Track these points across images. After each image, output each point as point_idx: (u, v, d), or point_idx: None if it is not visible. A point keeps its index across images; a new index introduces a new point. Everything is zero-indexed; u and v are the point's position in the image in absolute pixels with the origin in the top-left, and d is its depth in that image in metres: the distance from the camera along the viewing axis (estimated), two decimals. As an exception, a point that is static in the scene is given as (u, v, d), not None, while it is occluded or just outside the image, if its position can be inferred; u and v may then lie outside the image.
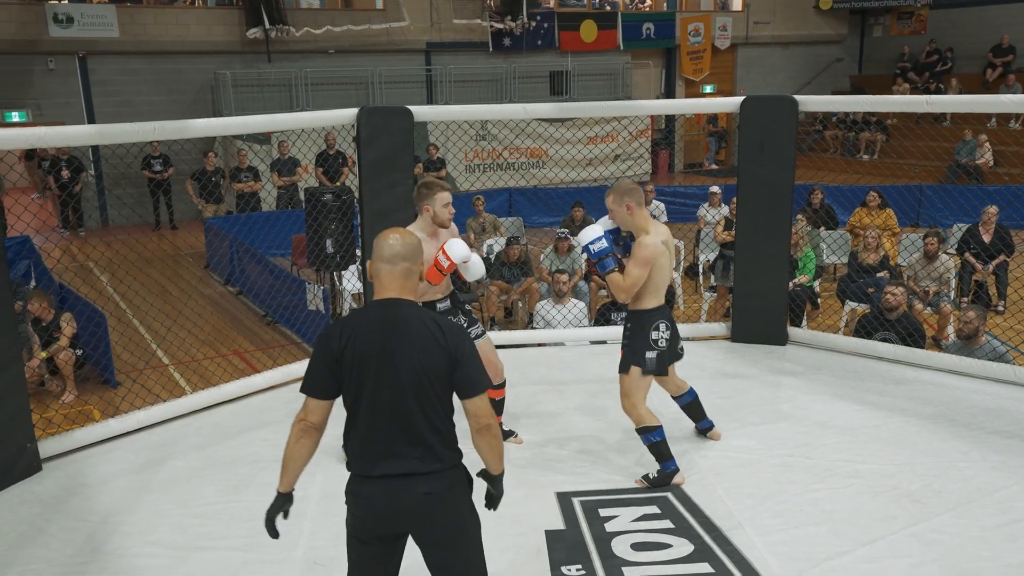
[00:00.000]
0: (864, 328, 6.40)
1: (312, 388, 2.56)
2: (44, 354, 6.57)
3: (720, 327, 6.55)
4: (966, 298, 8.26)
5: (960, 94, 14.69)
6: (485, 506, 2.73)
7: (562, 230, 8.56)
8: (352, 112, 5.65)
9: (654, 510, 3.98)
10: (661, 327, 4.11)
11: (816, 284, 8.03)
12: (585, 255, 5.57)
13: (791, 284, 6.77)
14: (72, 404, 6.45)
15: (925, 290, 7.55)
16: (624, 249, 4.23)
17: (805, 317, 7.41)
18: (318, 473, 4.18)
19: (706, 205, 10.25)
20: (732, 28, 19.34)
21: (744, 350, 6.15)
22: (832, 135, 17.37)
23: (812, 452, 4.51)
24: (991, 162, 14.17)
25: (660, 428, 4.16)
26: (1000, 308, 8.19)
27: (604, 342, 6.42)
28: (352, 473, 2.59)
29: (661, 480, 4.17)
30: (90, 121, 13.61)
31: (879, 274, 7.73)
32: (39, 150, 12.33)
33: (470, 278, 4.21)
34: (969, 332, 5.86)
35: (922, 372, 5.66)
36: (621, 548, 3.66)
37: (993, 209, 8.57)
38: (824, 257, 9.00)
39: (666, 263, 4.09)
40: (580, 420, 5.03)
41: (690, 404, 4.60)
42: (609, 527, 3.83)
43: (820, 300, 8.08)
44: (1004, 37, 17.20)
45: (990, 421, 4.86)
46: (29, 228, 8.65)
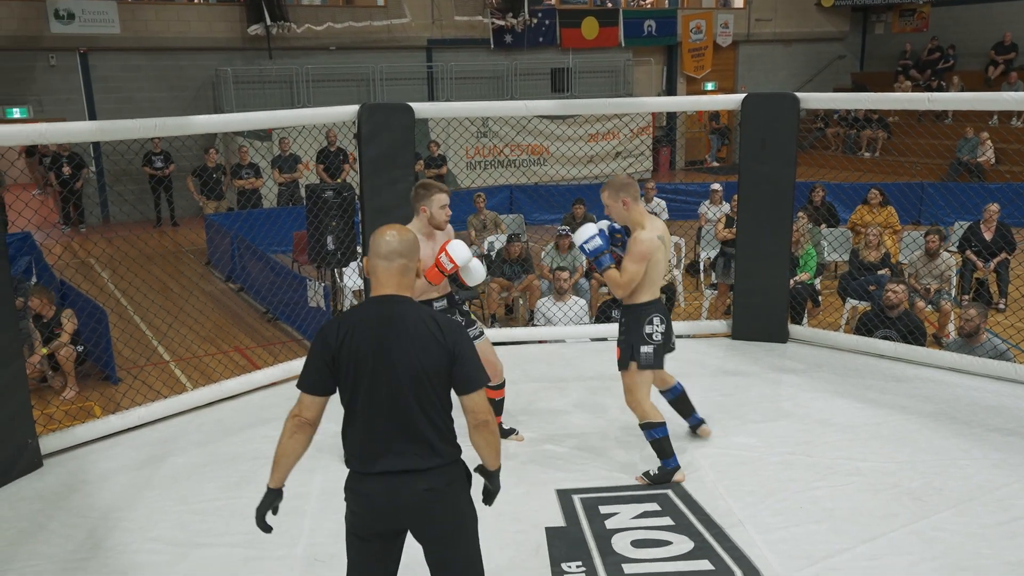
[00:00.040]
0: (865, 326, 6.40)
1: (308, 385, 2.56)
2: (45, 350, 6.58)
3: (721, 325, 6.55)
4: (967, 296, 8.26)
5: (962, 92, 14.72)
6: (483, 502, 2.73)
7: (563, 227, 8.54)
8: (353, 109, 5.65)
9: (654, 507, 3.98)
10: (655, 321, 4.10)
11: (817, 282, 8.03)
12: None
13: (792, 282, 6.76)
14: (73, 400, 6.45)
15: (926, 288, 7.55)
16: (622, 246, 4.22)
17: (806, 315, 7.41)
18: (318, 470, 4.18)
19: (707, 202, 10.25)
20: (734, 25, 19.32)
21: (745, 348, 6.15)
22: (834, 132, 17.34)
23: (813, 450, 4.51)
24: (993, 160, 14.15)
25: (664, 425, 4.17)
26: (1001, 306, 8.19)
27: (605, 339, 6.41)
28: (351, 470, 2.58)
29: (662, 477, 4.18)
30: (91, 117, 13.61)
31: (880, 272, 7.72)
32: (40, 146, 12.34)
33: (471, 282, 4.19)
34: (970, 330, 5.86)
35: (923, 370, 5.65)
36: (621, 545, 3.66)
37: (994, 207, 8.56)
38: (825, 255, 9.00)
39: (662, 258, 4.08)
40: (581, 417, 5.03)
41: (677, 399, 4.57)
42: (609, 524, 3.83)
43: (821, 298, 8.07)
44: (1006, 35, 17.15)
45: (991, 419, 4.86)
46: (30, 224, 8.63)
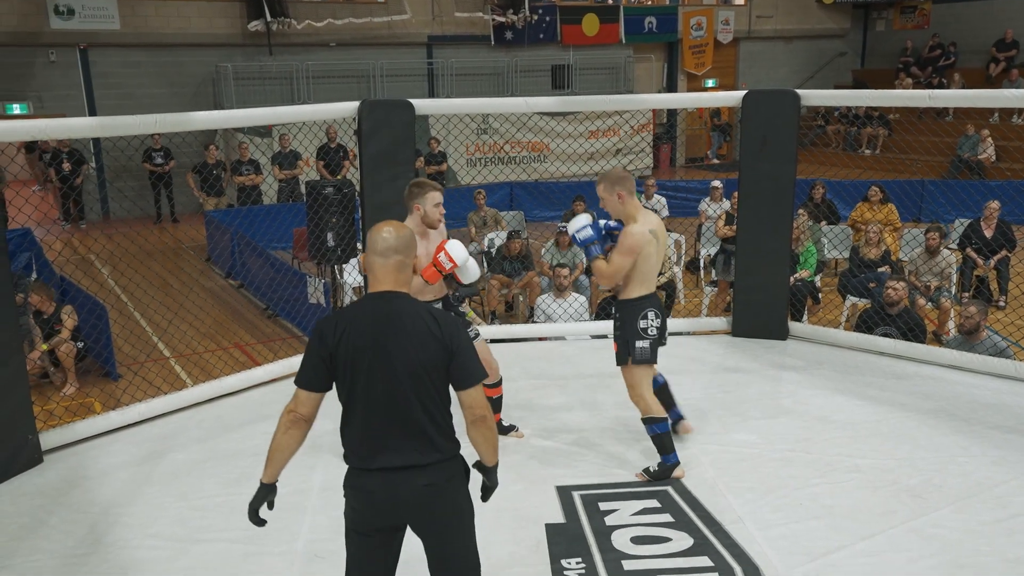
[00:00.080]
0: (865, 323, 6.40)
1: (305, 381, 2.56)
2: (45, 346, 6.59)
3: (721, 322, 6.56)
4: (967, 293, 8.26)
5: (963, 89, 14.70)
6: (480, 498, 2.74)
7: (563, 224, 8.54)
8: (353, 105, 5.65)
9: (654, 504, 3.98)
10: (650, 315, 4.10)
11: (817, 279, 8.03)
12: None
13: (792, 279, 6.76)
14: (73, 396, 6.46)
15: (926, 285, 7.55)
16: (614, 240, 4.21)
17: (806, 312, 7.40)
18: (318, 467, 4.18)
19: (707, 200, 10.24)
20: (734, 22, 19.30)
21: (745, 345, 6.15)
22: (834, 130, 17.34)
23: (812, 447, 4.52)
24: (993, 157, 14.15)
25: (666, 420, 4.17)
26: (1001, 303, 8.19)
27: (605, 336, 6.40)
28: (350, 466, 2.59)
29: (662, 473, 4.18)
30: (91, 113, 13.61)
31: (880, 269, 7.72)
32: (40, 142, 12.32)
33: (466, 280, 4.19)
34: (970, 327, 5.86)
35: (923, 367, 5.65)
36: (621, 541, 3.67)
37: (995, 204, 8.56)
38: (825, 252, 8.99)
39: (654, 252, 4.06)
40: (580, 414, 5.03)
41: (658, 390, 4.42)
42: (609, 520, 3.84)
43: (821, 295, 8.08)
44: (1008, 32, 17.13)
45: (990, 416, 4.86)
46: (30, 220, 8.66)
